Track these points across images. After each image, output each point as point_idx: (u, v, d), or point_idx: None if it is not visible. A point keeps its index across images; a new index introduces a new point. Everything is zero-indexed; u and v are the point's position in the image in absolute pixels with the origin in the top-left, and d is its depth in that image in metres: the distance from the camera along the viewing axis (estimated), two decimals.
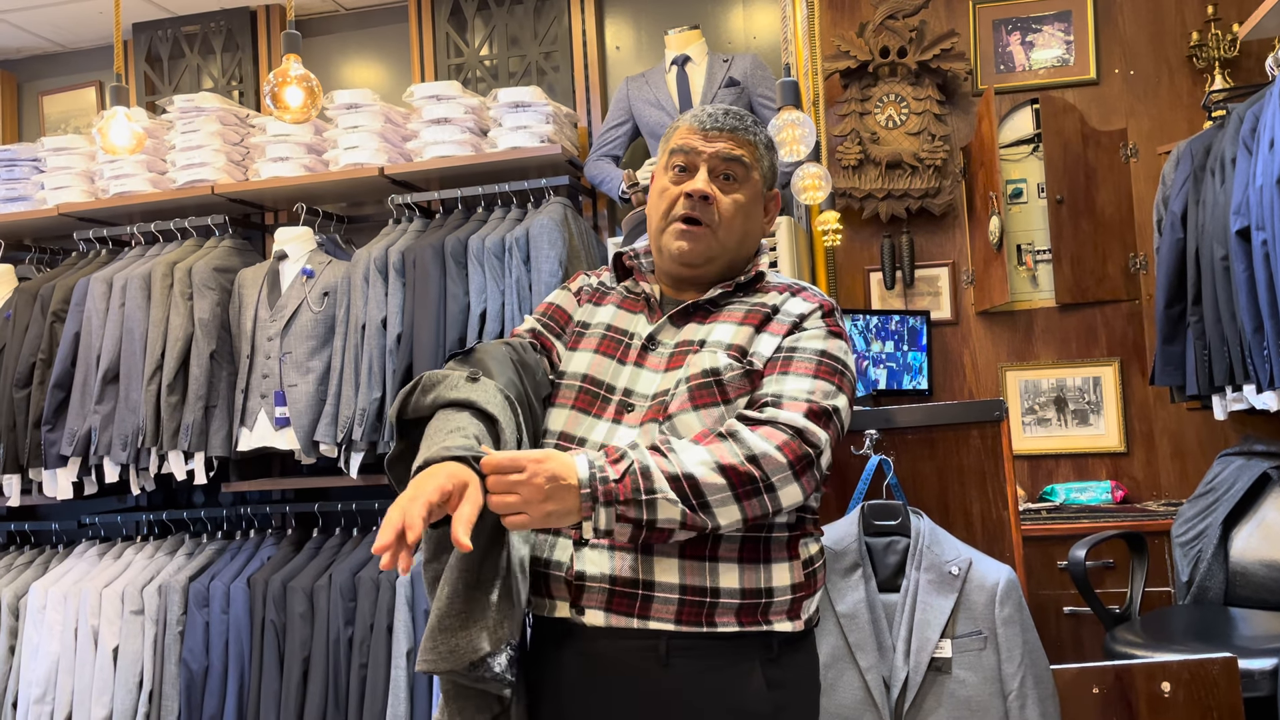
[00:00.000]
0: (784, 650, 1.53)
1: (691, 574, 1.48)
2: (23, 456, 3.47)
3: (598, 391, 1.60)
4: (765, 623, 1.51)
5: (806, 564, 1.56)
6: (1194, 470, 3.54)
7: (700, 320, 1.62)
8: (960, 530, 2.24)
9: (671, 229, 1.62)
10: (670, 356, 1.59)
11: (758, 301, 1.63)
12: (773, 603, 1.51)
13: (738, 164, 1.62)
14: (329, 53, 4.15)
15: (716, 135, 1.62)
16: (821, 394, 1.51)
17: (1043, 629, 2.33)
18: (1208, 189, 3.14)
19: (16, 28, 4.15)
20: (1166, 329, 3.29)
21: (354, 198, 3.82)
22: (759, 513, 1.43)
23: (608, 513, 1.36)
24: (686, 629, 1.48)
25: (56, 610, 3.40)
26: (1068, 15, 3.79)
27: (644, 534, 1.39)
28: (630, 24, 3.93)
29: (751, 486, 1.41)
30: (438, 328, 3.19)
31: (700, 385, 1.53)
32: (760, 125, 1.69)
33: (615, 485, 1.36)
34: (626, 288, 1.72)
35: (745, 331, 1.58)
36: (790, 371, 1.53)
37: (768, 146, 1.69)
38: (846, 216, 3.72)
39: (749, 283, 1.66)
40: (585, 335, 1.68)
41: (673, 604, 1.48)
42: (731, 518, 1.42)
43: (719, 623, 1.48)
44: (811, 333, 1.58)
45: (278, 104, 2.36)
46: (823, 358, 1.55)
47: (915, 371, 3.67)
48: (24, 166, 3.85)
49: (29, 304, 3.58)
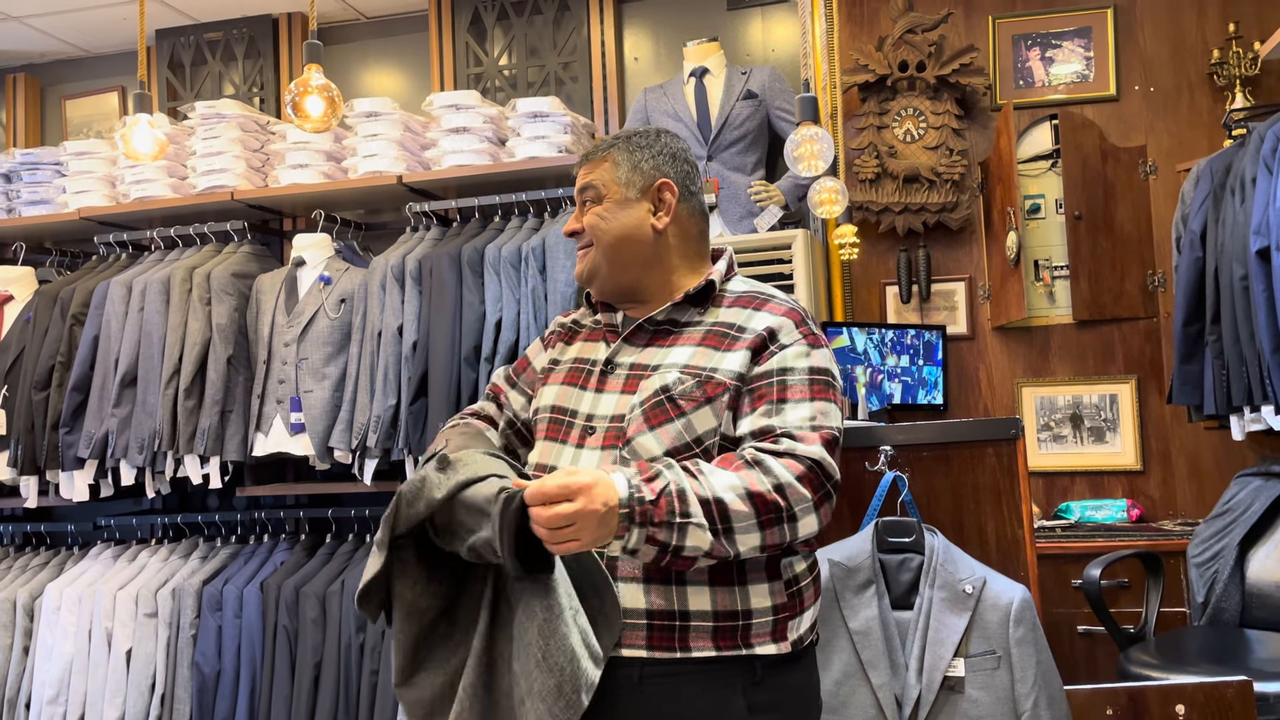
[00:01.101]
0: (769, 673, 1.51)
1: (658, 598, 1.48)
2: (40, 458, 3.49)
3: (563, 418, 1.64)
4: (745, 646, 1.49)
5: (790, 583, 1.55)
6: (1210, 490, 3.52)
7: (660, 343, 1.63)
8: (975, 548, 2.23)
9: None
10: (626, 379, 1.61)
11: (717, 322, 1.62)
12: (752, 625, 1.50)
13: (589, 188, 1.70)
14: (349, 61, 4.17)
15: (577, 176, 1.73)
16: (823, 417, 1.52)
17: (1056, 648, 2.32)
18: (1227, 208, 3.12)
19: (41, 32, 4.20)
20: (1184, 348, 3.27)
21: (372, 205, 3.84)
22: (777, 541, 1.44)
23: (640, 534, 1.36)
24: (660, 655, 1.47)
25: (71, 612, 3.42)
26: (1088, 31, 3.78)
27: (667, 558, 1.39)
28: (649, 35, 3.94)
29: (775, 515, 1.42)
30: (453, 336, 3.19)
31: (653, 405, 1.54)
32: (636, 135, 1.72)
33: (651, 507, 1.36)
34: (594, 321, 1.76)
35: (704, 353, 1.58)
36: (788, 399, 1.52)
37: (630, 147, 1.70)
38: (863, 230, 3.72)
39: (701, 295, 1.65)
40: (555, 370, 1.73)
41: (642, 630, 1.47)
42: (750, 545, 1.42)
43: (694, 647, 1.47)
44: (794, 350, 1.56)
45: (299, 113, 2.37)
46: (813, 375, 1.55)
47: (930, 386, 3.66)
48: (46, 170, 3.88)
49: (49, 307, 3.61)
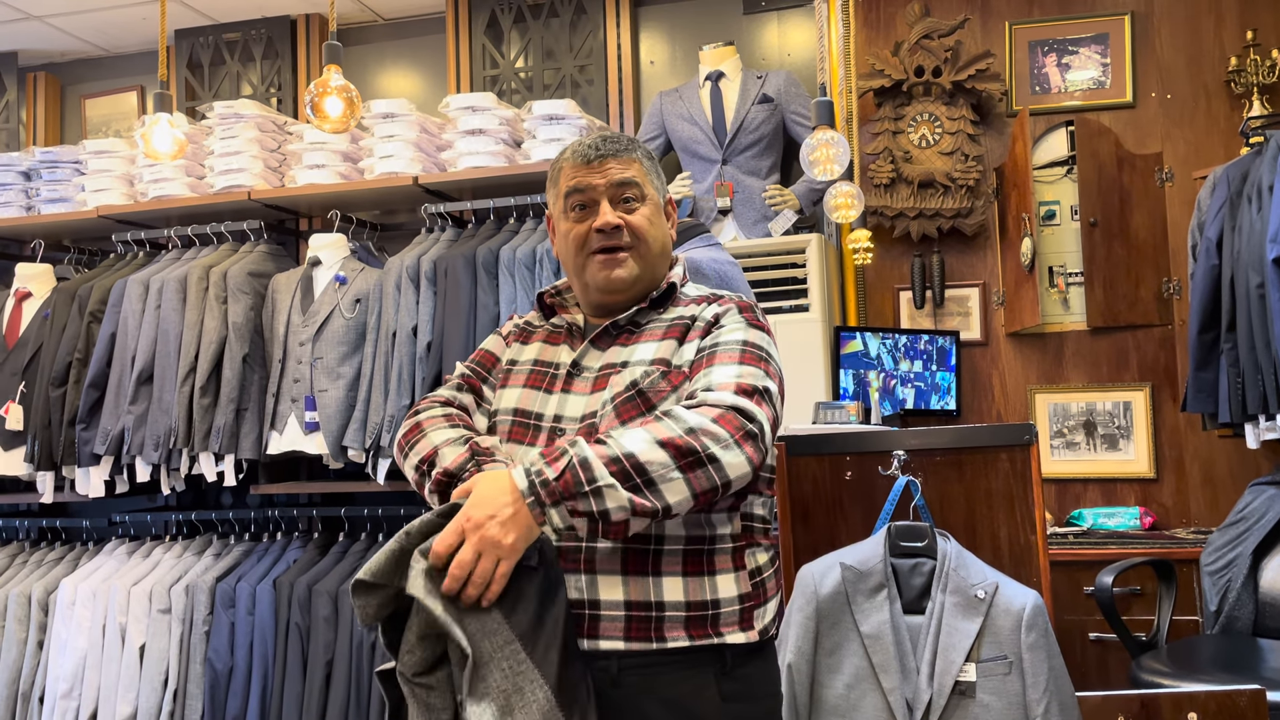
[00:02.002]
0: (738, 662, 1.53)
1: (636, 589, 1.49)
2: (57, 454, 3.51)
3: (528, 422, 1.63)
4: (716, 635, 1.51)
5: (754, 574, 1.57)
6: (1224, 498, 3.50)
7: (624, 343, 1.64)
8: (987, 553, 2.23)
9: (593, 262, 1.65)
10: (595, 380, 1.62)
11: (675, 316, 1.65)
12: (720, 614, 1.51)
13: (631, 185, 1.65)
14: (366, 62, 4.19)
15: (601, 164, 1.64)
16: (749, 376, 1.51)
17: (1068, 655, 2.31)
18: (1244, 216, 3.11)
19: (61, 31, 4.23)
20: (1199, 355, 3.26)
21: (388, 206, 3.86)
22: (707, 486, 1.41)
23: (559, 512, 1.37)
24: (637, 646, 1.48)
25: (85, 607, 3.44)
26: (1105, 38, 3.78)
27: (600, 526, 1.38)
28: (665, 39, 3.95)
29: (694, 458, 1.40)
30: (467, 336, 3.21)
31: (624, 400, 1.55)
32: (639, 142, 1.72)
33: (556, 484, 1.37)
34: (552, 324, 1.76)
35: (667, 345, 1.60)
36: (715, 364, 1.54)
37: (648, 156, 1.72)
38: (877, 235, 3.72)
39: (663, 297, 1.68)
40: (513, 372, 1.72)
41: (620, 621, 1.48)
42: (680, 494, 1.40)
43: (669, 637, 1.49)
44: (730, 327, 1.60)
45: (318, 113, 2.39)
46: (745, 346, 1.56)
47: (943, 392, 3.66)
48: (65, 168, 3.91)
49: (67, 304, 3.64)
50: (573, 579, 1.49)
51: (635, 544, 1.49)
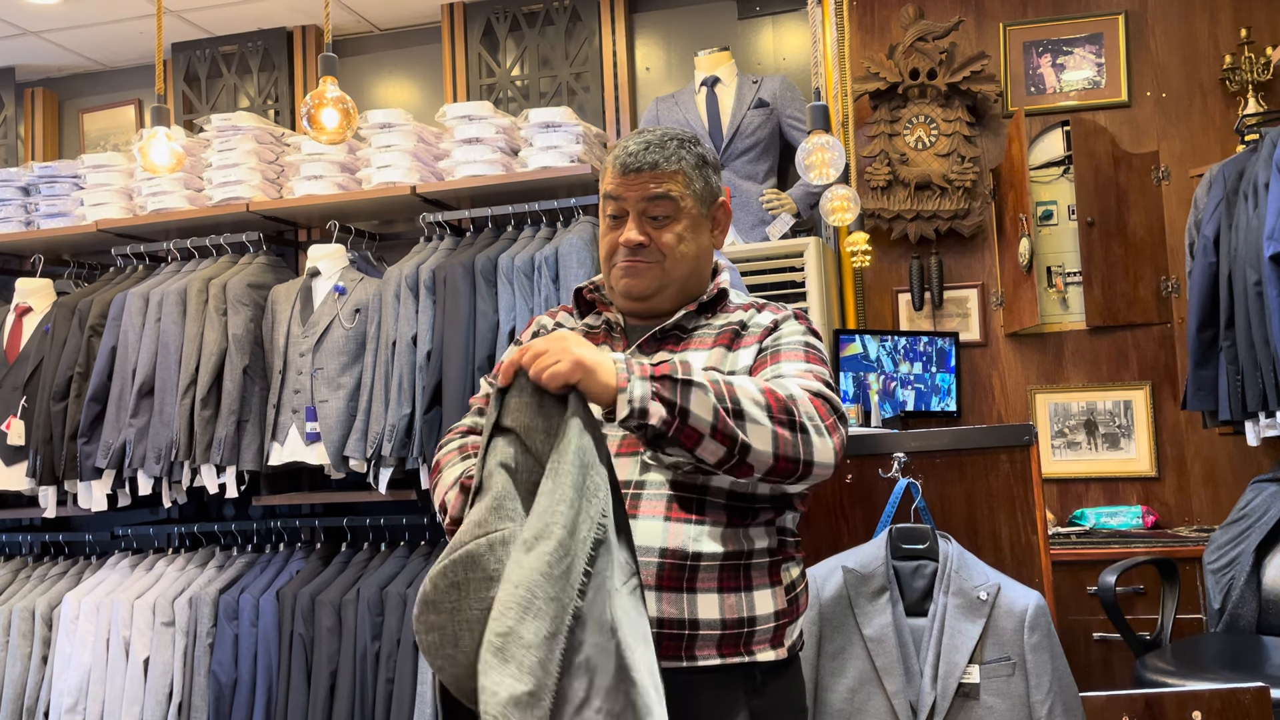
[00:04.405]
0: (767, 679, 1.51)
1: (669, 605, 1.46)
2: (59, 468, 3.52)
3: None
4: (748, 653, 1.48)
5: (789, 589, 1.54)
6: (1226, 496, 3.50)
7: (671, 348, 1.62)
8: (989, 555, 2.23)
9: (616, 270, 1.64)
10: None
11: (724, 323, 1.64)
12: (755, 632, 1.49)
13: (665, 201, 1.60)
14: (363, 72, 4.20)
15: (635, 177, 1.60)
16: (820, 374, 1.51)
17: (1072, 655, 2.31)
18: (1240, 213, 3.12)
19: (59, 46, 4.24)
20: (1198, 353, 3.27)
21: (386, 216, 3.86)
22: (790, 452, 1.37)
23: (643, 387, 1.31)
24: (667, 665, 1.44)
25: (89, 621, 3.44)
26: (1099, 38, 3.78)
27: (676, 423, 1.32)
28: (660, 45, 3.96)
29: (789, 418, 1.37)
30: (467, 345, 3.21)
31: None
32: (689, 144, 1.65)
33: (650, 366, 1.35)
34: (588, 323, 1.72)
35: (717, 353, 1.59)
36: (783, 360, 1.53)
37: (699, 164, 1.65)
38: (875, 237, 3.73)
39: (712, 303, 1.67)
40: None
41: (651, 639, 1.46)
42: (764, 443, 1.35)
43: (699, 656, 1.46)
44: (789, 329, 1.60)
45: (314, 125, 2.39)
46: (809, 346, 1.57)
47: (943, 393, 3.66)
48: (64, 183, 3.92)
49: (67, 318, 3.65)
50: None
51: (672, 559, 1.46)
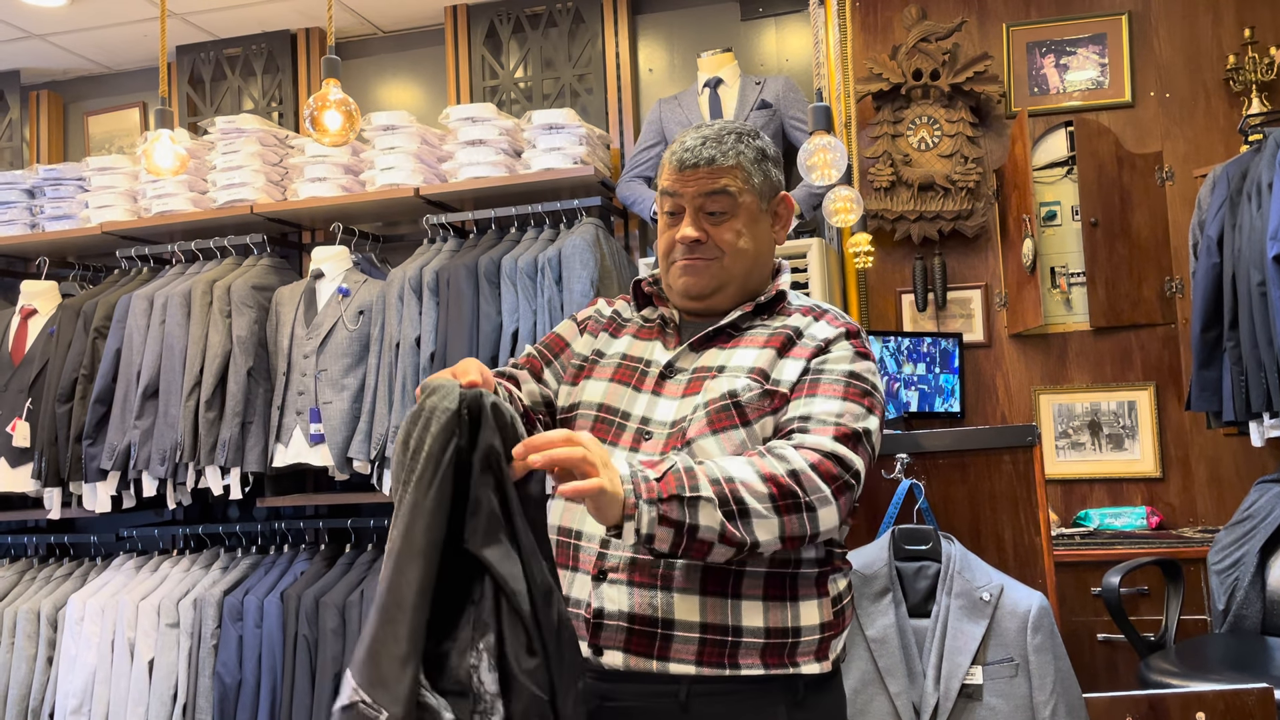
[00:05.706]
0: (810, 692, 1.48)
1: (713, 612, 1.43)
2: (64, 470, 3.53)
3: (613, 419, 1.57)
4: (792, 665, 1.46)
5: (835, 600, 1.52)
6: (1230, 497, 3.49)
7: (721, 345, 1.59)
8: (992, 556, 2.23)
9: (674, 268, 1.62)
10: (688, 383, 1.56)
11: (780, 325, 1.59)
12: (800, 643, 1.47)
13: (722, 196, 1.58)
14: (366, 74, 4.21)
15: (693, 173, 1.58)
16: (851, 416, 1.46)
17: (1076, 656, 2.31)
18: (1244, 213, 3.11)
19: (63, 50, 4.25)
20: (1202, 354, 3.26)
21: (389, 217, 3.87)
22: (797, 533, 1.37)
23: (650, 512, 1.28)
24: (708, 672, 1.43)
25: (94, 622, 3.45)
26: (1102, 38, 3.78)
27: (684, 543, 1.31)
28: (663, 46, 3.96)
29: (793, 501, 1.35)
30: (471, 346, 3.22)
31: (719, 409, 1.49)
32: (747, 138, 1.62)
33: (656, 483, 1.30)
34: (644, 316, 1.70)
35: (767, 355, 1.55)
36: (818, 394, 1.49)
37: (758, 158, 1.62)
38: (878, 238, 3.72)
39: (770, 304, 1.63)
40: (600, 364, 1.65)
41: (693, 644, 1.43)
42: (770, 534, 1.35)
43: (742, 665, 1.44)
44: (838, 355, 1.54)
45: (317, 127, 2.39)
46: (851, 379, 1.51)
47: (947, 394, 3.66)
48: (69, 186, 3.93)
49: (72, 320, 3.66)
50: (648, 595, 1.43)
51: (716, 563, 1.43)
